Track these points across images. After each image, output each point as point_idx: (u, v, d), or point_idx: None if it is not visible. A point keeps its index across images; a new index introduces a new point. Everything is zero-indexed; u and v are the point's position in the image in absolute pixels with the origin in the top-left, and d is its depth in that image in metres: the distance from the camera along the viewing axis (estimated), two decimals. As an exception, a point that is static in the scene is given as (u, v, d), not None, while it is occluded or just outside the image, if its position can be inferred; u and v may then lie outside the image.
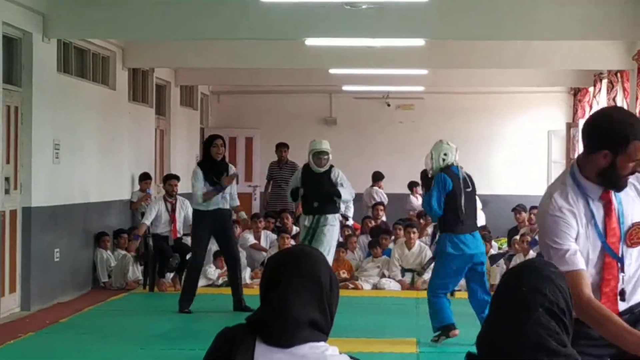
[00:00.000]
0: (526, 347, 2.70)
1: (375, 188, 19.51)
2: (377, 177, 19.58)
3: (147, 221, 14.48)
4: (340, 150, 22.02)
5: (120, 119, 15.99)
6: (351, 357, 3.00)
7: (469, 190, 10.34)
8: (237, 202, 12.90)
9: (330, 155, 12.49)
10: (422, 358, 9.81)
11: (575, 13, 12.32)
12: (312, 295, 2.98)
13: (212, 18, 12.52)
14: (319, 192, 12.35)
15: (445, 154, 10.34)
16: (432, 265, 11.26)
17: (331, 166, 12.56)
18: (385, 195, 19.40)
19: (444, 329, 10.26)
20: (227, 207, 12.63)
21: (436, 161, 10.37)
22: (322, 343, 2.97)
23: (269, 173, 18.40)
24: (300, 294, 2.96)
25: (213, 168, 12.45)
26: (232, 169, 12.69)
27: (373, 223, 16.97)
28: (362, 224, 17.44)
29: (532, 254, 14.11)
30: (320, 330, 2.99)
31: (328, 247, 12.28)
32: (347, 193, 12.39)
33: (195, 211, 12.72)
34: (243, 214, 13.33)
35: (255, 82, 20.15)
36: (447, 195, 10.16)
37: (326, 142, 12.50)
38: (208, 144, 12.62)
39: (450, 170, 10.28)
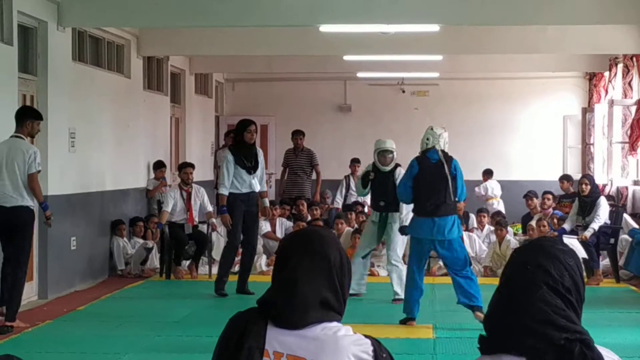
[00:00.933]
0: (534, 324, 2.71)
1: None
2: None
3: (168, 208, 14.51)
4: (355, 137, 22.10)
5: (135, 107, 16.01)
6: (365, 336, 2.98)
7: (440, 174, 10.42)
8: (265, 188, 13.02)
9: (395, 154, 12.38)
10: (439, 343, 9.81)
11: (590, -3, 12.29)
12: (321, 274, 2.97)
13: (226, 5, 12.52)
14: (385, 191, 12.33)
15: (427, 139, 10.60)
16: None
17: (396, 165, 12.42)
18: None
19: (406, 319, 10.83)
20: (257, 190, 12.81)
21: (421, 146, 10.65)
22: (335, 323, 2.96)
23: (285, 160, 18.41)
24: (308, 274, 2.96)
25: (244, 152, 12.62)
26: (260, 153, 12.91)
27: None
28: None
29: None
30: (333, 310, 2.97)
31: (396, 242, 12.32)
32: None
33: (230, 194, 12.75)
34: (266, 201, 13.31)
35: (270, 69, 20.14)
36: (414, 179, 10.49)
37: (391, 142, 12.43)
38: (241, 129, 12.73)
39: (425, 155, 10.54)
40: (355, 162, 18.70)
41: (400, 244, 12.40)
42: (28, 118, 10.46)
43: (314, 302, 2.94)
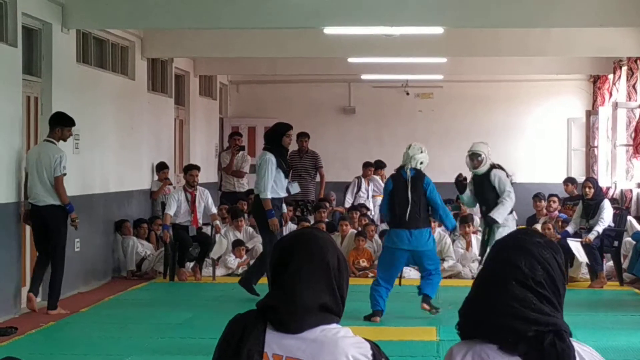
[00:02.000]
0: (501, 318, 2.75)
1: (374, 177, 19.37)
2: (379, 165, 19.41)
3: (171, 211, 14.47)
4: (359, 140, 22.12)
5: (140, 109, 16.02)
6: (366, 340, 2.97)
7: (409, 191, 11.07)
8: (285, 194, 12.99)
9: (484, 157, 12.18)
10: (442, 346, 9.81)
11: (594, 0, 12.27)
12: (321, 279, 2.96)
13: (231, 7, 12.53)
14: (482, 195, 12.30)
15: (403, 156, 11.36)
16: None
17: (491, 167, 12.24)
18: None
19: (371, 314, 11.07)
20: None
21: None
22: (334, 325, 2.95)
23: (290, 162, 18.35)
24: (308, 279, 2.95)
25: (282, 155, 12.70)
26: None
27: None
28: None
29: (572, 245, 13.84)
30: (331, 313, 2.97)
31: None
32: (503, 208, 12.12)
33: (271, 199, 12.55)
34: (284, 207, 13.16)
35: (274, 71, 20.15)
36: (389, 195, 11.31)
37: (479, 144, 12.33)
38: (280, 133, 12.70)
39: (399, 172, 11.30)
40: (368, 165, 18.65)
41: None
42: (57, 125, 11.49)
43: (313, 308, 2.93)
